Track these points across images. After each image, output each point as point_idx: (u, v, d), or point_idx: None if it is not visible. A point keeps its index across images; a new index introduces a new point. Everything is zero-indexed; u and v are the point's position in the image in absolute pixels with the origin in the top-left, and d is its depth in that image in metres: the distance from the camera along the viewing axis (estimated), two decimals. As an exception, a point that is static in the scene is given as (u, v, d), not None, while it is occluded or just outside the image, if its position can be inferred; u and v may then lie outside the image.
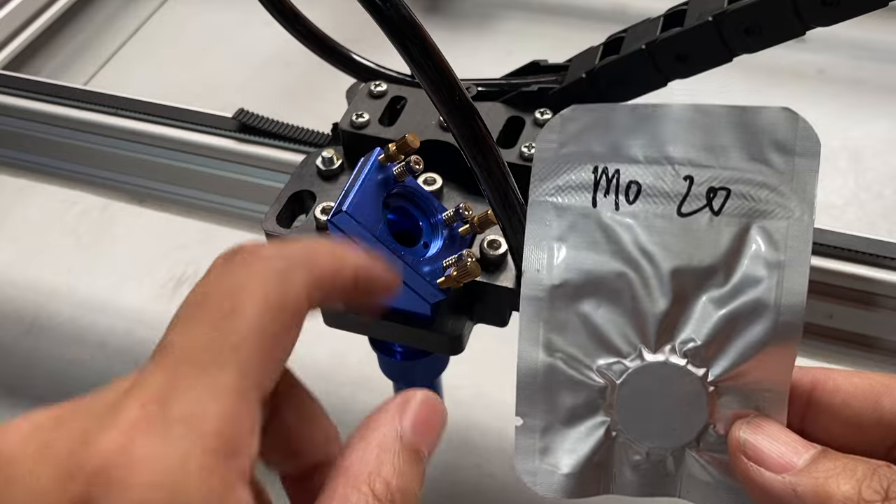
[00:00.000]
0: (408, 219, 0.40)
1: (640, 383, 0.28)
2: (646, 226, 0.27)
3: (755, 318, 0.27)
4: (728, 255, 0.27)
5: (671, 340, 0.27)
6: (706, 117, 0.27)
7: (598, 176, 0.28)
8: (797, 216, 0.26)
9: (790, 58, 1.02)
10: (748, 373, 0.27)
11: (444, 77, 0.31)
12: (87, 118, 0.62)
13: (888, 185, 0.85)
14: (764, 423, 0.27)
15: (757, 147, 0.27)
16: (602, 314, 0.28)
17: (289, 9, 0.47)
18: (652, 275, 0.27)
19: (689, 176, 0.27)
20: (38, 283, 0.92)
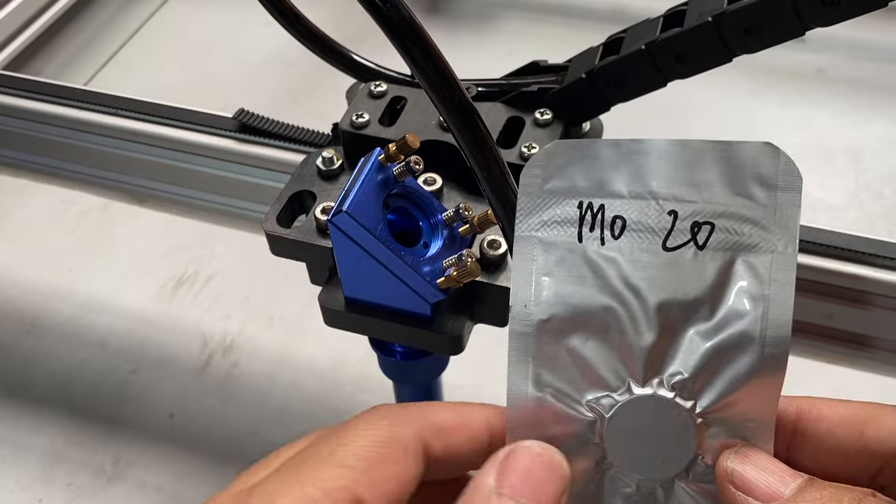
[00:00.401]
0: (408, 219, 0.40)
1: (629, 416, 0.28)
2: (631, 260, 0.28)
3: (741, 351, 0.27)
4: (713, 289, 0.27)
5: (659, 374, 0.28)
6: (689, 152, 0.27)
7: (583, 211, 0.28)
8: (780, 249, 0.27)
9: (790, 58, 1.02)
10: (735, 404, 0.27)
11: (443, 77, 0.31)
12: (87, 118, 0.62)
13: (888, 185, 0.85)
14: (751, 453, 0.27)
15: (740, 182, 0.27)
16: (590, 348, 0.28)
17: (289, 9, 0.47)
18: (638, 309, 0.28)
19: (673, 211, 0.28)
20: (38, 283, 0.92)
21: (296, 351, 0.86)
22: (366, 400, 0.79)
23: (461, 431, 0.28)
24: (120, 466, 0.78)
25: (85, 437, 0.80)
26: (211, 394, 0.83)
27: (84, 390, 0.83)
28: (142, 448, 0.79)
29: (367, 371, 0.82)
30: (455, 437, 0.28)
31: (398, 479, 0.26)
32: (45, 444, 0.79)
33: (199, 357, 0.86)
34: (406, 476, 0.26)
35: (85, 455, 0.79)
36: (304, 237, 0.42)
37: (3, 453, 0.79)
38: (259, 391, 0.83)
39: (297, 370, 0.84)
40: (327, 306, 0.42)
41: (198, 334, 0.88)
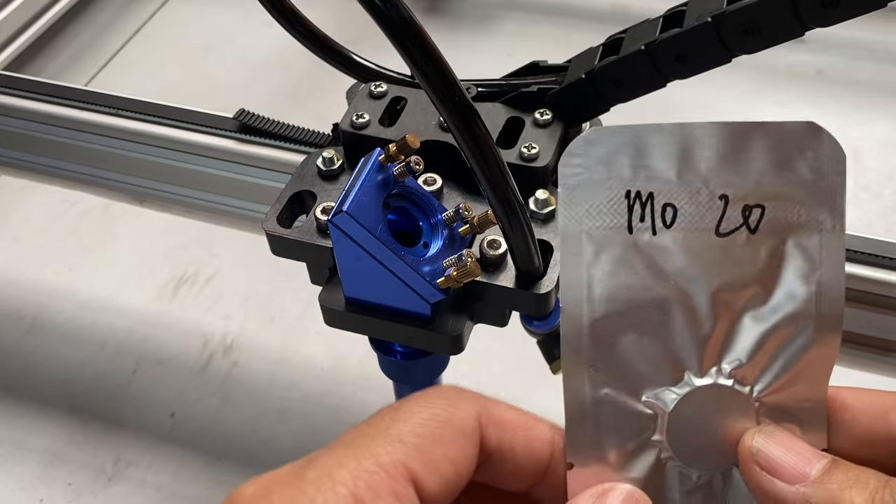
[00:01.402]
0: (408, 219, 0.40)
1: (689, 409, 0.28)
2: (685, 249, 0.27)
3: (796, 332, 0.27)
4: (766, 272, 0.27)
5: (717, 362, 0.28)
6: (735, 134, 0.27)
7: (631, 200, 0.27)
8: (829, 228, 0.27)
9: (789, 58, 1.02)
10: (789, 385, 0.27)
11: (443, 77, 0.31)
12: (88, 118, 0.62)
13: (887, 185, 0.86)
14: (776, 432, 0.27)
15: (786, 162, 0.27)
16: (646, 343, 0.28)
17: (289, 9, 0.47)
18: (695, 298, 0.27)
19: (724, 195, 0.27)
20: (39, 283, 0.92)
21: (296, 351, 0.86)
22: (366, 399, 0.79)
23: (521, 432, 0.28)
24: (120, 466, 0.78)
25: (85, 436, 0.80)
26: (211, 394, 0.83)
27: (84, 390, 0.83)
28: (142, 448, 0.79)
29: (367, 371, 0.82)
30: (513, 436, 0.28)
31: (453, 461, 0.26)
32: (45, 443, 0.79)
33: (199, 357, 0.86)
34: (461, 459, 0.26)
35: (85, 455, 0.79)
36: (304, 237, 0.42)
37: (4, 453, 0.79)
38: (259, 391, 0.83)
39: (297, 370, 0.84)
40: (327, 306, 0.42)
41: (198, 334, 0.88)
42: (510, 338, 0.53)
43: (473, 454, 0.26)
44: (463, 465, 0.26)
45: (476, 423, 0.27)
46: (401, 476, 0.24)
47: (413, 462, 0.25)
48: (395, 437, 0.25)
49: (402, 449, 0.25)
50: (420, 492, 0.25)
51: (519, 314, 0.45)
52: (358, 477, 0.24)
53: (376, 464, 0.24)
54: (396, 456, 0.25)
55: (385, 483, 0.24)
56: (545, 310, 0.40)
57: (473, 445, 0.26)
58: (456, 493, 0.26)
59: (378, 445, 0.25)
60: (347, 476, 0.24)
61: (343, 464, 0.24)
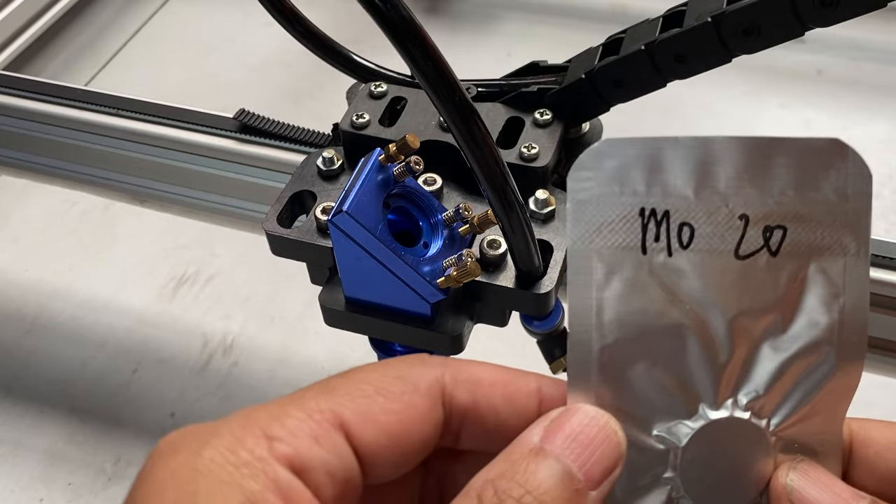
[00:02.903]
0: (408, 219, 0.40)
1: (703, 444, 0.26)
2: (702, 272, 0.25)
3: (817, 362, 0.25)
4: (787, 298, 0.25)
5: (733, 393, 0.26)
6: (756, 150, 0.25)
7: (645, 218, 0.25)
8: (853, 252, 0.25)
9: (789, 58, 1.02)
10: (808, 417, 0.26)
11: (443, 78, 0.31)
12: (88, 118, 0.62)
13: (887, 185, 0.86)
14: (811, 470, 0.25)
15: (809, 181, 0.25)
16: (659, 373, 0.26)
17: (289, 9, 0.47)
18: (712, 325, 0.25)
19: (744, 215, 0.25)
20: (39, 283, 0.92)
21: (296, 351, 0.86)
22: (366, 400, 0.79)
23: (500, 388, 0.26)
24: (120, 466, 0.78)
25: (85, 436, 0.80)
26: (211, 393, 0.83)
27: (85, 390, 0.83)
28: (142, 447, 0.79)
29: (368, 371, 0.82)
30: (491, 392, 0.26)
31: (397, 414, 0.24)
32: (45, 443, 0.79)
33: (199, 357, 0.86)
34: (410, 414, 0.24)
35: (85, 455, 0.79)
36: (304, 237, 0.42)
37: (4, 453, 0.79)
38: (259, 391, 0.83)
39: (297, 370, 0.84)
40: (328, 306, 0.42)
41: (198, 334, 0.88)
42: (510, 338, 0.53)
43: (429, 412, 0.25)
44: (413, 421, 0.24)
45: (435, 381, 0.25)
46: (326, 421, 0.23)
47: (343, 409, 0.24)
48: (330, 388, 0.24)
49: (334, 398, 0.24)
50: (353, 440, 0.24)
51: (519, 314, 0.45)
52: (275, 417, 0.23)
53: (300, 409, 0.24)
54: (324, 403, 0.24)
55: (305, 424, 0.23)
56: (545, 310, 0.40)
57: (429, 403, 0.25)
58: (411, 453, 0.25)
59: (310, 394, 0.24)
60: (265, 416, 0.23)
61: (267, 408, 0.24)
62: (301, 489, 0.22)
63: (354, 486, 0.24)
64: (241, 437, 0.23)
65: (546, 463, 0.23)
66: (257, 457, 0.22)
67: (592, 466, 0.23)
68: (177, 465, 0.22)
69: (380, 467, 0.24)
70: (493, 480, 0.23)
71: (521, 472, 0.23)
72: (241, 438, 0.23)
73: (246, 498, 0.22)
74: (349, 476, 0.24)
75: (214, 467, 0.22)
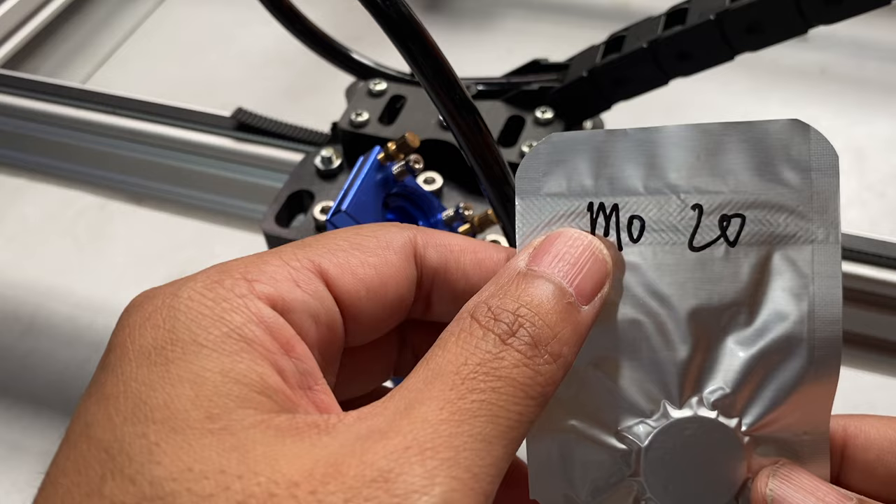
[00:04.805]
0: (408, 219, 0.40)
1: (667, 444, 0.25)
2: (655, 265, 0.25)
3: (788, 357, 0.24)
4: (750, 290, 0.24)
5: (698, 391, 0.25)
6: (708, 137, 0.24)
7: (594, 213, 0.25)
8: (821, 238, 0.24)
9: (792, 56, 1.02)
10: (785, 416, 0.25)
11: (443, 76, 0.31)
12: (84, 117, 0.62)
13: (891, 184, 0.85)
14: (792, 474, 0.24)
15: (768, 165, 0.24)
16: (616, 369, 0.25)
17: (288, 7, 0.47)
18: (668, 319, 0.25)
19: (697, 205, 0.24)
20: (35, 283, 0.92)
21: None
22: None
23: (469, 254, 0.26)
24: (118, 467, 0.78)
25: (83, 437, 0.79)
26: (209, 394, 0.83)
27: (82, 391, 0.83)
28: (140, 449, 0.79)
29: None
30: (460, 256, 0.26)
31: (374, 267, 0.24)
32: (42, 445, 0.79)
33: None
34: (386, 268, 0.24)
35: (83, 456, 0.78)
36: (302, 237, 0.42)
37: (0, 455, 0.79)
38: (258, 391, 0.83)
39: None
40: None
41: (196, 334, 0.87)
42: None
43: (404, 267, 0.25)
44: (389, 275, 0.24)
45: (407, 240, 0.25)
46: (304, 268, 0.23)
47: (322, 259, 0.23)
48: (306, 243, 0.24)
49: (311, 249, 0.24)
50: (332, 288, 0.23)
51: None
52: (252, 264, 0.23)
53: (278, 258, 0.23)
54: (302, 254, 0.23)
55: (284, 270, 0.23)
56: (546, 311, 0.40)
57: (403, 258, 0.25)
58: (388, 308, 0.25)
59: (285, 248, 0.24)
60: (240, 264, 0.23)
61: (241, 259, 0.23)
62: (285, 325, 0.22)
63: (337, 337, 0.24)
64: (218, 279, 0.22)
65: (536, 282, 0.23)
66: (238, 294, 0.22)
67: (582, 281, 0.23)
68: (153, 308, 0.22)
69: (360, 321, 0.24)
70: (485, 300, 0.23)
71: (512, 290, 0.23)
72: (219, 280, 0.22)
73: (230, 329, 0.21)
74: (331, 323, 0.23)
75: (193, 304, 0.21)
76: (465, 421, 0.20)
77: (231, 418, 0.19)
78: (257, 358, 0.21)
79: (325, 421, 0.20)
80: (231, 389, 0.20)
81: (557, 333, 0.22)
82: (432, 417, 0.20)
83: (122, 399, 0.20)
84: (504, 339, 0.21)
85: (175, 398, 0.20)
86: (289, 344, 0.22)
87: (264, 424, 0.20)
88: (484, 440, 0.20)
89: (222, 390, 0.20)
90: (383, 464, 0.19)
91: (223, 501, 0.18)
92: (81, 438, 0.20)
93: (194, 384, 0.20)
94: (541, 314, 0.22)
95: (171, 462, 0.19)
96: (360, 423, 0.20)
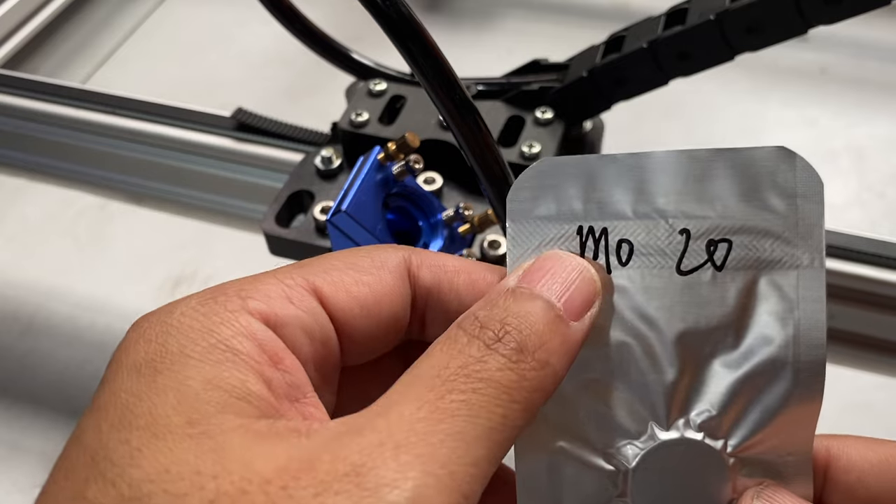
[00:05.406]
0: (407, 219, 0.40)
1: (655, 465, 0.25)
2: (643, 288, 0.25)
3: (773, 379, 0.25)
4: (737, 313, 0.25)
5: (684, 413, 0.25)
6: (696, 163, 0.25)
7: (583, 237, 0.25)
8: (806, 263, 0.25)
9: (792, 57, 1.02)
10: (769, 438, 0.25)
11: (443, 76, 0.31)
12: (84, 117, 0.62)
13: (891, 184, 0.85)
14: (776, 495, 0.25)
15: (755, 191, 0.25)
16: (604, 391, 0.25)
17: (287, 7, 0.47)
18: (656, 342, 0.25)
19: (685, 229, 0.25)
20: (35, 283, 0.92)
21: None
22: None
23: (462, 274, 0.26)
24: (118, 467, 0.78)
25: (83, 437, 0.79)
26: (209, 394, 0.83)
27: (82, 391, 0.83)
28: (140, 449, 0.79)
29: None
30: (453, 277, 0.26)
31: (369, 286, 0.24)
32: (42, 445, 0.79)
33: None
34: (380, 287, 0.25)
35: (83, 456, 0.78)
36: (302, 237, 0.42)
37: (1, 455, 0.79)
38: (258, 391, 0.83)
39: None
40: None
41: (196, 334, 0.87)
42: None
43: (398, 286, 0.25)
44: (383, 294, 0.25)
45: (401, 260, 0.26)
46: (298, 285, 0.24)
47: (316, 277, 0.24)
48: (300, 264, 0.25)
49: (306, 268, 0.24)
50: (327, 306, 0.24)
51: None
52: (247, 283, 0.24)
53: (273, 276, 0.24)
54: (297, 272, 0.24)
55: (278, 287, 0.23)
56: (546, 311, 0.40)
57: (397, 278, 0.25)
58: (383, 327, 0.25)
59: (281, 268, 0.24)
60: (235, 283, 0.24)
61: (237, 280, 0.24)
62: (275, 339, 0.22)
63: (332, 354, 0.24)
64: (212, 296, 0.23)
65: (525, 297, 0.23)
66: (230, 309, 0.22)
67: (571, 298, 0.23)
68: (148, 325, 0.23)
69: (356, 339, 0.25)
70: (474, 312, 0.23)
71: (501, 302, 0.23)
72: (213, 297, 0.23)
73: (218, 340, 0.22)
74: (325, 339, 0.24)
75: (185, 319, 0.22)
76: (442, 420, 0.20)
77: (210, 423, 0.20)
78: (242, 366, 0.21)
79: (306, 426, 0.20)
80: (212, 396, 0.20)
81: (545, 342, 0.22)
82: (409, 416, 0.20)
83: (111, 409, 0.21)
84: (489, 345, 0.22)
85: (158, 406, 0.20)
86: (277, 356, 0.22)
87: (243, 428, 0.20)
88: (462, 439, 0.20)
89: (203, 397, 0.20)
90: (356, 458, 0.19)
91: (196, 500, 0.19)
92: (72, 446, 0.21)
93: (178, 392, 0.21)
94: (528, 323, 0.22)
95: (149, 465, 0.19)
96: (340, 426, 0.20)
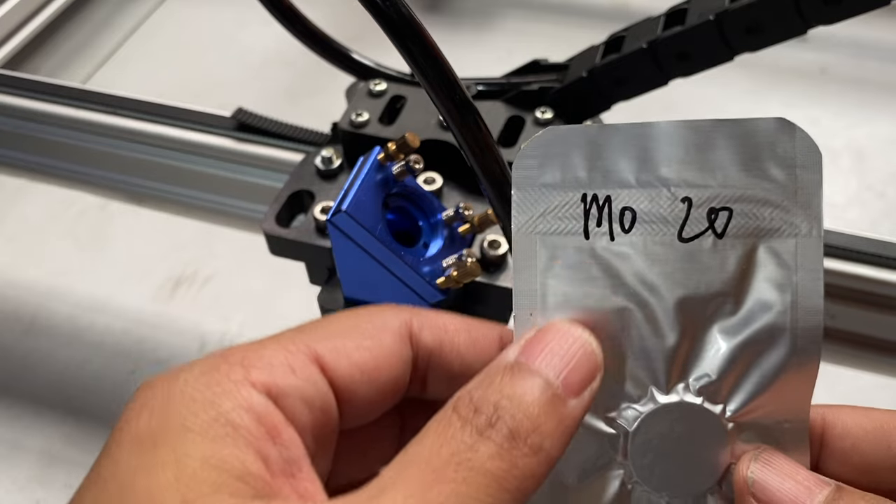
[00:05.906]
0: (408, 219, 0.40)
1: (654, 428, 0.26)
2: (645, 255, 0.25)
3: (771, 345, 0.25)
4: (736, 280, 0.25)
5: (684, 378, 0.26)
6: (698, 133, 0.25)
7: (587, 204, 0.26)
8: (805, 232, 0.25)
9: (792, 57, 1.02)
10: (767, 404, 0.26)
11: (443, 76, 0.31)
12: (85, 117, 0.62)
13: (891, 184, 0.85)
14: (773, 459, 0.25)
15: (755, 161, 0.25)
16: (605, 355, 0.25)
17: (288, 8, 0.47)
18: (657, 308, 0.25)
19: (686, 198, 0.25)
20: (36, 284, 0.92)
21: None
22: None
23: (463, 333, 0.27)
24: (118, 467, 0.78)
25: (83, 437, 0.80)
26: (210, 394, 0.83)
27: (82, 390, 0.83)
28: (140, 449, 0.79)
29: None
30: (454, 337, 0.27)
31: (370, 351, 0.25)
32: (42, 444, 0.79)
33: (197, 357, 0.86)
34: (381, 352, 0.25)
35: (83, 456, 0.78)
36: (302, 237, 0.42)
37: (1, 454, 0.79)
38: (258, 391, 0.83)
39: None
40: (327, 306, 0.41)
41: (196, 334, 0.87)
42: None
43: (399, 349, 0.26)
44: (384, 357, 0.25)
45: (403, 323, 0.26)
46: (300, 352, 0.24)
47: (317, 344, 0.24)
48: (303, 328, 0.25)
49: (308, 335, 0.25)
50: (328, 373, 0.24)
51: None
52: (251, 350, 0.24)
53: (276, 343, 0.24)
54: (299, 339, 0.25)
55: (280, 355, 0.24)
56: (546, 311, 0.40)
57: (398, 341, 0.26)
58: (383, 390, 0.25)
59: (284, 333, 0.25)
60: (240, 350, 0.24)
61: (242, 346, 0.24)
62: (274, 412, 0.23)
63: (331, 420, 0.25)
64: (216, 364, 0.24)
65: (523, 374, 0.23)
66: (232, 380, 0.23)
67: (570, 374, 0.23)
68: (152, 393, 0.23)
69: (355, 404, 0.25)
70: (469, 391, 0.23)
71: (497, 381, 0.23)
72: (217, 366, 0.23)
73: (219, 413, 0.22)
74: (325, 407, 0.24)
75: (188, 388, 0.23)
76: None
77: (205, 503, 0.20)
78: (241, 443, 0.22)
79: None
80: (209, 475, 0.21)
81: (539, 426, 0.22)
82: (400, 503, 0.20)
83: (111, 482, 0.22)
84: (481, 432, 0.22)
85: (155, 484, 0.21)
86: (276, 430, 0.23)
87: None
88: None
89: (200, 476, 0.21)
90: None
91: None
92: None
93: (175, 468, 0.21)
94: (522, 406, 0.22)
95: None
96: None
